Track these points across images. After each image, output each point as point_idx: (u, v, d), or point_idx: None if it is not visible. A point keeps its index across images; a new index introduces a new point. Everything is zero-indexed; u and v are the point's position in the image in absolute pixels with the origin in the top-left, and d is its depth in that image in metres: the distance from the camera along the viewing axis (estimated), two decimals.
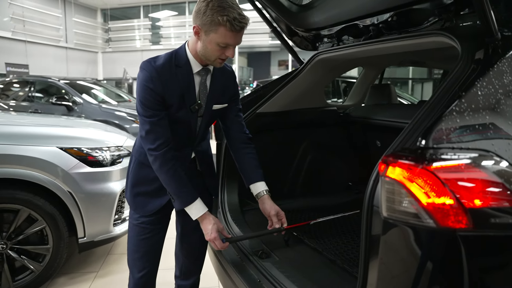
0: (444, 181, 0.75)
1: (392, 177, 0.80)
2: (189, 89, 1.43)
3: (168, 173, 1.40)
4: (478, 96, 0.87)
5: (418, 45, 1.43)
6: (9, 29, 13.17)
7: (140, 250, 1.56)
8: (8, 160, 2.34)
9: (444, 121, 0.82)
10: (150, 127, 1.38)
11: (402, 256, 0.82)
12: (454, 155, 0.78)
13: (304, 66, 2.13)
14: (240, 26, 1.30)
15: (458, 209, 0.74)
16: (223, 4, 1.28)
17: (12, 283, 2.38)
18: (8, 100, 7.18)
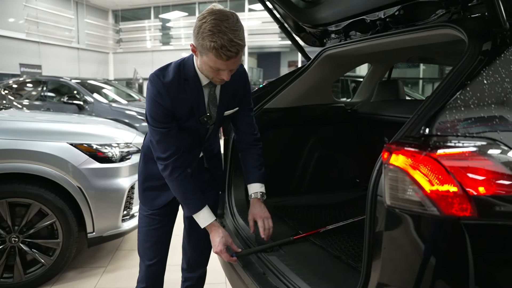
0: (448, 168, 0.74)
1: (396, 164, 0.79)
2: (198, 103, 1.42)
3: (176, 181, 1.43)
4: (485, 86, 0.87)
5: (425, 39, 1.42)
6: (24, 30, 13.42)
7: (150, 239, 1.60)
8: (20, 155, 2.39)
9: (449, 110, 0.82)
10: (160, 137, 1.40)
11: (405, 245, 0.82)
12: (458, 142, 0.77)
13: (312, 62, 2.13)
14: (228, 55, 1.21)
15: (462, 197, 0.74)
16: (214, 29, 1.19)
17: (24, 275, 2.43)
18: (21, 100, 7.31)
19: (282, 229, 1.74)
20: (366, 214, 0.90)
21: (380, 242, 0.84)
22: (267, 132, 2.21)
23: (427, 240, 0.79)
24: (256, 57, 20.32)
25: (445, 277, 0.78)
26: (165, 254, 1.66)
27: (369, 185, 0.90)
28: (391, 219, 0.83)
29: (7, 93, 7.51)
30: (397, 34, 1.45)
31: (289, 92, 2.16)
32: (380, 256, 0.85)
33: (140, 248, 1.64)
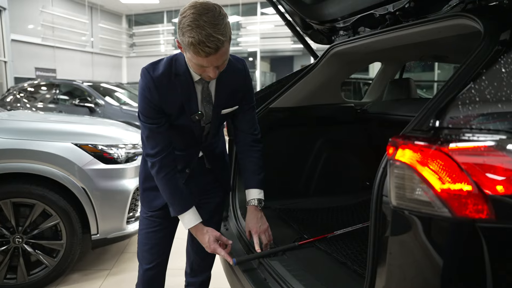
0: (461, 164, 0.66)
1: (402, 160, 0.71)
2: (190, 99, 1.35)
3: (163, 180, 1.38)
4: (503, 76, 0.78)
5: (438, 32, 1.33)
6: (39, 35, 13.67)
7: (149, 242, 1.54)
8: (24, 154, 2.37)
9: (462, 101, 0.74)
10: (149, 133, 1.36)
11: (414, 250, 0.74)
12: (473, 136, 0.69)
13: (319, 60, 2.05)
14: (206, 51, 1.13)
15: (477, 197, 0.66)
16: (192, 24, 1.11)
17: (27, 276, 2.41)
18: (36, 102, 7.42)
19: (287, 234, 1.66)
20: (370, 216, 0.82)
21: (386, 247, 0.76)
22: (273, 132, 2.14)
23: (438, 245, 0.70)
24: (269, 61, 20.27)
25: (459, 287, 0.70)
26: (164, 258, 1.59)
27: (374, 184, 0.82)
28: (398, 222, 0.75)
29: (22, 96, 7.64)
30: (407, 27, 1.37)
31: (296, 91, 2.09)
32: (385, 262, 0.77)
33: (139, 251, 1.57)
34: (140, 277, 1.58)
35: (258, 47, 16.52)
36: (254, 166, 1.52)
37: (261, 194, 1.51)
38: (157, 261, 1.55)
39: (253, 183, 1.51)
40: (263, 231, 1.46)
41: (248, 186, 1.52)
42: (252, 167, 1.52)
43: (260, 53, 16.91)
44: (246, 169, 1.54)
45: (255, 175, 1.51)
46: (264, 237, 1.46)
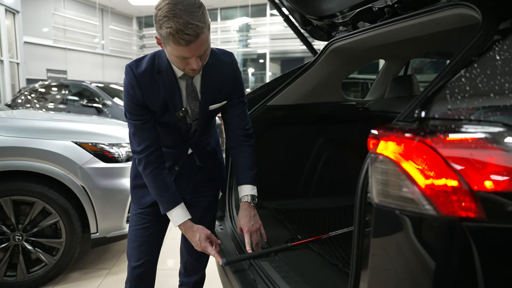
0: (446, 158, 0.61)
1: (384, 154, 0.67)
2: (173, 96, 1.32)
3: (150, 176, 1.36)
4: (497, 64, 0.73)
5: (437, 23, 1.27)
6: (51, 37, 13.89)
7: (137, 239, 1.51)
8: (24, 152, 2.37)
9: (450, 90, 0.68)
10: (135, 130, 1.34)
11: (397, 251, 0.69)
12: (461, 127, 0.64)
13: (318, 57, 2.00)
14: (186, 39, 1.10)
15: (464, 194, 0.60)
16: (168, 14, 1.09)
17: (27, 274, 2.41)
18: (46, 103, 7.51)
19: (281, 234, 1.61)
20: (354, 215, 0.77)
21: (368, 247, 0.71)
22: (270, 131, 2.10)
23: (423, 245, 0.65)
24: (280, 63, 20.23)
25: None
26: (153, 256, 1.56)
27: (358, 181, 0.77)
28: (381, 220, 0.70)
29: (33, 96, 7.74)
30: (404, 19, 1.32)
31: (294, 89, 2.04)
32: (368, 264, 0.72)
33: (128, 249, 1.55)
34: (128, 275, 1.55)
35: (268, 49, 16.51)
36: (246, 161, 1.48)
37: (254, 190, 1.47)
38: (145, 259, 1.52)
39: (246, 179, 1.46)
40: (255, 230, 1.42)
41: (240, 182, 1.48)
42: (244, 163, 1.48)
43: (270, 55, 16.89)
44: (238, 165, 1.50)
45: (247, 171, 1.47)
46: (255, 236, 1.42)
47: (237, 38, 17.05)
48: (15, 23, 11.18)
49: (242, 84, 1.50)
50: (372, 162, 0.70)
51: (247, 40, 17.02)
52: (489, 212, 0.60)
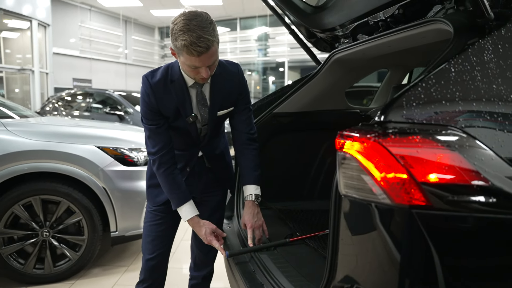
0: (396, 155, 0.73)
1: (348, 152, 0.79)
2: (184, 103, 1.47)
3: (163, 175, 1.51)
4: (451, 74, 0.84)
5: (422, 36, 1.38)
6: (78, 48, 14.52)
7: (151, 234, 1.66)
8: (52, 155, 2.58)
9: (407, 98, 0.80)
10: (150, 133, 1.50)
11: (361, 235, 0.81)
12: (409, 129, 0.75)
13: (322, 67, 2.13)
14: (198, 51, 1.25)
15: (411, 185, 0.72)
16: (184, 28, 1.25)
17: (53, 268, 2.61)
18: (72, 110, 7.90)
19: (281, 231, 1.74)
20: (330, 206, 0.90)
21: (338, 234, 0.83)
22: (276, 137, 2.23)
23: (381, 230, 0.77)
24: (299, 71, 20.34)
25: (404, 268, 0.76)
26: (165, 250, 1.70)
27: (334, 176, 0.90)
28: (347, 209, 0.82)
29: (60, 104, 8.15)
30: (393, 33, 1.44)
31: (299, 97, 2.17)
32: (339, 249, 0.84)
33: (143, 243, 1.70)
34: (143, 266, 1.70)
35: (286, 57, 16.66)
36: (250, 163, 1.61)
37: (258, 190, 1.60)
38: (158, 252, 1.67)
39: (250, 180, 1.60)
40: (257, 226, 1.55)
41: (245, 182, 1.62)
42: (248, 164, 1.61)
43: (289, 63, 17.02)
44: (242, 166, 1.63)
45: (251, 172, 1.60)
46: (258, 232, 1.54)
47: (256, 47, 17.30)
48: (46, 35, 11.79)
49: (248, 92, 1.65)
50: (340, 159, 0.83)
51: (266, 49, 17.24)
52: (434, 200, 0.72)
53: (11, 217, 2.54)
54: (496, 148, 0.74)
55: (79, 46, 14.61)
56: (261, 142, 2.14)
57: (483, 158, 0.72)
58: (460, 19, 1.11)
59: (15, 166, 2.50)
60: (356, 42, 1.72)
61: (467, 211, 0.71)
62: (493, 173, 0.71)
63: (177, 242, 3.35)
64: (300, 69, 19.73)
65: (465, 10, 1.18)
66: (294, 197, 2.26)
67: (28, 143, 2.57)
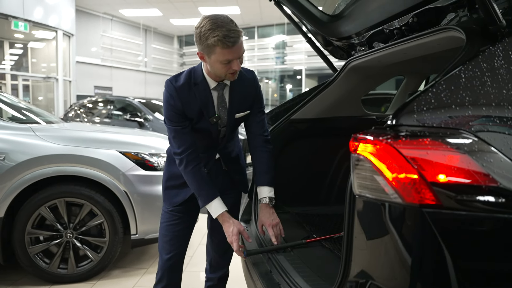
0: (407, 156, 0.77)
1: (361, 154, 0.83)
2: (207, 104, 1.56)
3: (191, 173, 1.56)
4: (461, 80, 0.88)
5: (436, 44, 1.41)
6: (99, 56, 14.95)
7: (168, 234, 1.72)
8: (76, 159, 2.69)
9: (417, 102, 0.84)
10: (175, 134, 1.57)
11: (374, 232, 0.84)
12: (420, 132, 0.79)
13: (338, 74, 2.17)
14: (232, 41, 1.37)
15: (422, 185, 0.75)
16: (212, 26, 1.36)
17: (76, 268, 2.70)
18: (93, 117, 8.14)
19: (298, 234, 1.77)
20: (345, 206, 0.94)
21: (352, 232, 0.87)
22: (294, 143, 2.27)
23: (394, 228, 0.80)
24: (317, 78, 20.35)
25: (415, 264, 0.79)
26: (182, 249, 1.76)
27: (349, 177, 0.94)
28: (361, 208, 0.86)
29: (82, 111, 8.41)
30: (407, 41, 1.47)
31: (316, 104, 2.22)
32: (353, 246, 0.88)
33: (160, 243, 1.76)
34: (160, 266, 1.76)
35: (304, 65, 16.70)
36: (264, 165, 1.68)
37: (272, 192, 1.65)
38: (175, 252, 1.73)
39: (264, 181, 1.66)
40: (275, 224, 1.60)
41: (259, 183, 1.68)
42: (262, 165, 1.68)
43: (306, 71, 17.05)
44: (257, 167, 1.70)
45: (265, 174, 1.67)
46: (276, 229, 1.59)
47: (274, 55, 17.42)
48: (70, 45, 12.22)
49: (262, 96, 1.74)
50: (354, 161, 0.87)
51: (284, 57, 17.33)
52: (444, 200, 0.75)
53: (38, 218, 2.65)
54: (506, 150, 0.77)
55: (100, 55, 15.04)
56: (278, 148, 2.20)
57: (492, 159, 0.75)
58: (472, 26, 1.14)
59: (43, 169, 2.62)
60: (372, 50, 1.76)
61: (476, 211, 0.74)
62: (502, 174, 0.74)
63: (195, 246, 3.42)
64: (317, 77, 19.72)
65: (478, 17, 1.21)
66: (311, 202, 2.30)
67: (54, 148, 2.69)
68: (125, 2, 13.41)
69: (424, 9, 1.43)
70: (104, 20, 15.26)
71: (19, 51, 12.76)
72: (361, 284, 0.86)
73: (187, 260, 3.01)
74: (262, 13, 14.45)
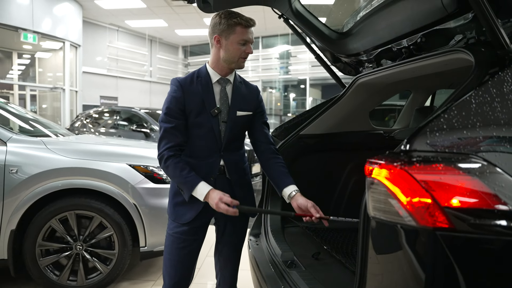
0: (420, 181, 0.80)
1: (376, 178, 0.86)
2: (208, 95, 1.63)
3: (172, 164, 1.55)
4: (472, 106, 0.91)
5: (444, 64, 1.45)
6: (105, 67, 15.12)
7: (173, 258, 1.65)
8: (86, 172, 2.73)
9: (430, 128, 0.87)
10: (163, 134, 1.59)
11: (389, 256, 0.87)
12: (433, 157, 0.82)
13: (347, 90, 2.21)
14: (251, 23, 1.57)
15: (435, 209, 0.78)
16: (231, 12, 1.57)
17: (85, 280, 2.72)
18: (99, 127, 8.21)
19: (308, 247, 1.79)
20: (359, 227, 0.96)
21: (367, 254, 0.90)
22: (303, 158, 2.30)
23: (407, 250, 0.83)
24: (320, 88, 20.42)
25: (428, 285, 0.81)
26: (188, 275, 1.70)
27: (362, 198, 0.97)
28: (375, 230, 0.89)
29: (87, 121, 8.49)
30: (416, 61, 1.51)
31: (325, 119, 2.25)
32: (368, 266, 0.91)
33: (164, 267, 1.69)
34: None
35: (308, 75, 16.79)
36: (284, 169, 1.70)
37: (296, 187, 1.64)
38: (179, 277, 1.66)
39: (288, 182, 1.65)
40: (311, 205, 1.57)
41: (282, 186, 1.65)
42: (283, 169, 1.69)
43: (310, 81, 17.12)
44: (276, 172, 1.69)
45: (288, 175, 1.68)
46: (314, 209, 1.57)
47: (278, 65, 17.53)
48: (76, 55, 12.38)
49: (265, 110, 1.82)
50: (368, 184, 0.90)
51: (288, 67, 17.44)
52: (456, 223, 0.78)
53: (49, 230, 2.69)
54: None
55: (106, 65, 15.20)
56: (288, 162, 2.21)
57: (504, 184, 0.78)
58: (481, 50, 1.17)
59: (54, 182, 2.66)
60: (380, 68, 1.80)
61: (489, 234, 0.77)
62: None
63: (202, 258, 3.43)
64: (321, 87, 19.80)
65: (486, 40, 1.25)
66: None
67: (66, 161, 2.73)
68: (131, 13, 13.59)
69: (432, 30, 1.47)
70: (110, 31, 15.45)
71: (27, 62, 12.95)
72: None
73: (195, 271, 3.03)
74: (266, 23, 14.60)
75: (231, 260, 1.84)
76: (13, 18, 9.59)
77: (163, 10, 13.06)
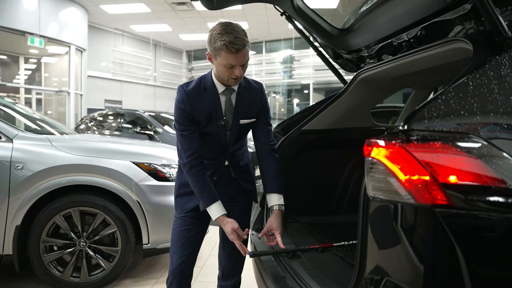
0: (419, 159, 0.81)
1: (375, 157, 0.88)
2: (215, 108, 1.66)
3: (195, 176, 1.64)
4: (469, 87, 0.92)
5: (444, 55, 1.46)
6: (110, 71, 15.25)
7: (180, 239, 1.77)
8: (90, 169, 2.75)
9: (428, 108, 0.89)
10: (182, 139, 1.66)
11: (389, 234, 0.88)
12: (431, 135, 0.83)
13: (348, 86, 2.22)
14: (236, 48, 1.47)
15: (433, 186, 0.79)
16: (222, 31, 1.49)
17: (88, 277, 2.74)
18: (103, 130, 8.27)
19: (309, 243, 1.80)
20: (359, 208, 0.97)
21: (367, 233, 0.91)
22: (305, 153, 2.32)
23: (407, 228, 0.84)
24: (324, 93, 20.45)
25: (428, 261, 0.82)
26: (193, 254, 1.80)
27: (363, 180, 0.98)
28: (374, 210, 0.90)
29: (92, 124, 8.56)
30: (416, 53, 1.52)
31: (326, 115, 2.26)
32: (367, 246, 0.92)
33: (172, 248, 1.80)
34: (171, 271, 1.79)
35: (311, 79, 16.83)
36: (273, 172, 1.76)
37: (281, 200, 1.73)
38: (187, 256, 1.77)
39: (273, 188, 1.74)
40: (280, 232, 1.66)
41: (268, 190, 1.76)
42: (271, 173, 1.76)
43: (313, 85, 17.16)
44: (266, 174, 1.78)
45: (274, 181, 1.75)
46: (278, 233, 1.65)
47: (282, 70, 17.59)
48: (81, 59, 12.51)
49: (268, 108, 1.83)
50: (367, 164, 0.91)
51: (291, 71, 17.49)
52: (454, 200, 0.79)
53: (53, 226, 2.71)
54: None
55: (111, 69, 15.33)
56: (290, 158, 2.24)
57: (501, 162, 0.79)
58: (479, 38, 1.19)
59: (59, 178, 2.68)
60: (380, 62, 1.81)
61: (486, 210, 0.78)
62: (510, 176, 0.78)
63: (205, 258, 3.44)
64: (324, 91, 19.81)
65: (484, 29, 1.26)
66: (322, 211, 2.32)
67: (70, 158, 2.76)
68: (135, 18, 13.72)
69: (431, 22, 1.49)
70: (115, 35, 15.60)
71: (33, 66, 13.10)
72: (376, 281, 0.89)
73: (198, 270, 3.04)
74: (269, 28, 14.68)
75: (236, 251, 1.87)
76: (20, 23, 9.73)
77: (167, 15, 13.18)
